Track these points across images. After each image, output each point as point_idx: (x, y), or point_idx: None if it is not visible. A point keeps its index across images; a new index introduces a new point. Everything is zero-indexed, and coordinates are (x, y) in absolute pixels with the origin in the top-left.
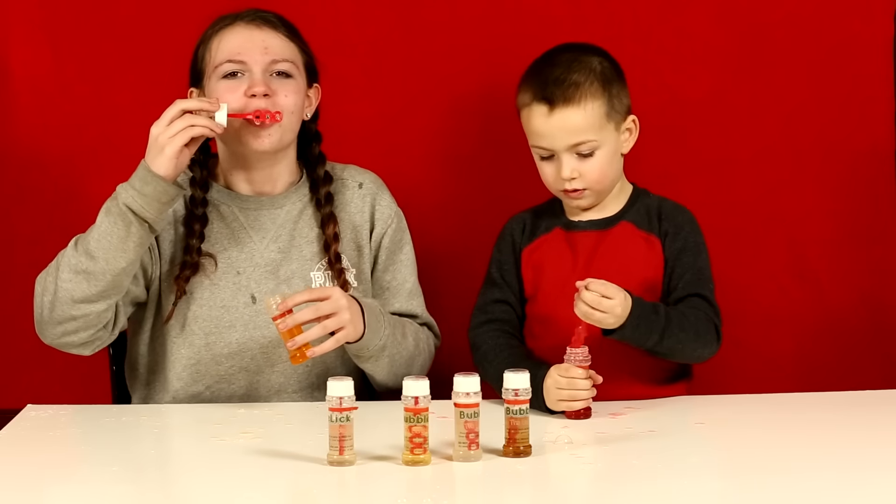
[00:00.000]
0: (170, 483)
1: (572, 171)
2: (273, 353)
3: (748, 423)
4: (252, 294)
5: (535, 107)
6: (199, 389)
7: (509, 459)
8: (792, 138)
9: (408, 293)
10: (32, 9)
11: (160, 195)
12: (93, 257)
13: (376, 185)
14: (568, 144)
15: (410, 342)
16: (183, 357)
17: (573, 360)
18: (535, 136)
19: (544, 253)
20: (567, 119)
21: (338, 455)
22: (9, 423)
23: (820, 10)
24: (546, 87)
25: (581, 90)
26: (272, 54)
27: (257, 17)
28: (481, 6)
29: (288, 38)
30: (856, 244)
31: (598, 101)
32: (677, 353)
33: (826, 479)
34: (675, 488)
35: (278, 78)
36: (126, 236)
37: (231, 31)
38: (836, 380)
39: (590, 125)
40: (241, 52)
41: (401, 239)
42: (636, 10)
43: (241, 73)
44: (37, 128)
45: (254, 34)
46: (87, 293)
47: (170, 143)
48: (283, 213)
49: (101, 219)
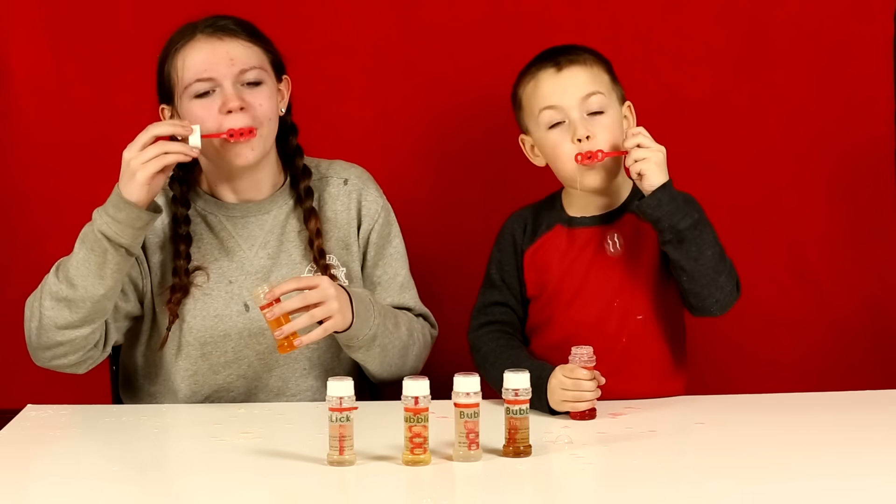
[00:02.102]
0: (170, 483)
1: (586, 130)
2: (270, 358)
3: (748, 423)
4: (245, 302)
5: (541, 72)
6: (198, 401)
7: (509, 459)
8: (792, 138)
9: (399, 286)
10: (32, 9)
11: (133, 221)
12: (73, 285)
13: (361, 181)
14: (578, 98)
15: (403, 332)
16: (181, 369)
17: (578, 360)
18: (543, 99)
19: (547, 252)
20: (575, 75)
21: (338, 455)
22: (9, 423)
23: (820, 10)
24: (549, 55)
25: (585, 57)
26: (239, 65)
27: (216, 28)
28: (481, 6)
29: (251, 43)
30: (856, 244)
31: (602, 69)
32: (702, 263)
33: (826, 479)
34: (675, 488)
35: (249, 88)
36: (103, 263)
37: (193, 47)
38: (836, 380)
39: (598, 82)
40: (207, 68)
41: (389, 233)
42: (636, 10)
43: (212, 90)
44: (37, 128)
45: (216, 47)
46: (69, 320)
47: (142, 169)
48: (270, 219)
49: (78, 246)
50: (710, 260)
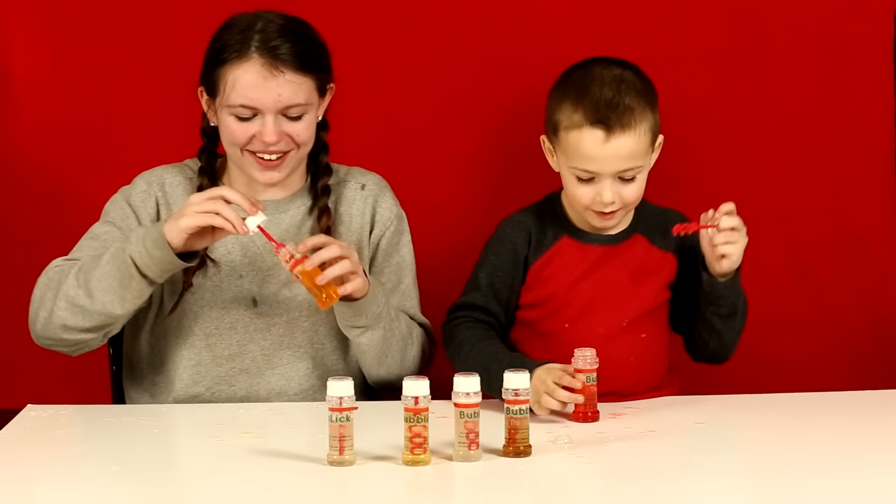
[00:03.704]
0: (170, 483)
1: (613, 196)
2: (274, 355)
3: (748, 423)
4: (254, 297)
5: (587, 131)
6: (199, 391)
7: (509, 459)
8: (792, 138)
9: (402, 294)
10: (33, 10)
11: (166, 264)
12: (91, 296)
13: (378, 187)
14: (617, 170)
15: (403, 326)
16: (184, 358)
17: (581, 362)
18: (582, 160)
19: (557, 266)
20: (622, 146)
21: (338, 455)
22: (9, 423)
23: (820, 10)
24: (599, 111)
25: (635, 115)
26: (286, 101)
27: (272, 56)
28: (481, 6)
29: (303, 76)
30: (856, 244)
31: (648, 123)
32: (737, 327)
33: (826, 479)
34: (675, 488)
35: (290, 120)
36: (127, 286)
37: (245, 70)
38: (835, 380)
39: (641, 151)
40: (254, 98)
41: (399, 241)
42: (636, 10)
43: (252, 116)
44: (37, 129)
45: (268, 82)
46: (79, 325)
47: (190, 216)
48: (287, 218)
49: (108, 259)
50: (740, 324)
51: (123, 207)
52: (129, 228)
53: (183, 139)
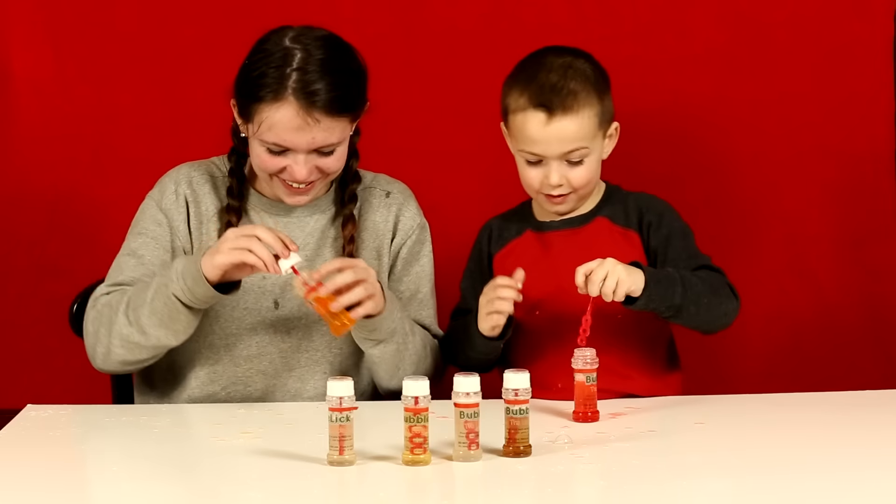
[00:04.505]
0: (169, 483)
1: (560, 178)
2: (292, 358)
3: (748, 422)
4: (275, 300)
5: (531, 113)
6: (214, 389)
7: (509, 459)
8: (792, 138)
9: (419, 303)
10: (33, 10)
11: (209, 298)
12: (144, 332)
13: (403, 196)
14: (561, 152)
15: (418, 340)
16: (202, 357)
17: (581, 362)
18: (527, 142)
19: (518, 258)
20: (564, 128)
21: (338, 455)
22: (9, 423)
23: (820, 11)
24: (543, 94)
25: (579, 99)
26: (319, 142)
27: (309, 101)
28: (481, 6)
29: (338, 119)
30: (856, 244)
31: (594, 109)
32: (703, 312)
33: (825, 479)
34: (675, 488)
35: (323, 156)
36: (175, 319)
37: (280, 111)
38: (835, 379)
39: (585, 134)
40: (287, 139)
41: (419, 251)
42: (636, 10)
43: (285, 150)
44: (37, 129)
45: (302, 129)
46: (138, 357)
47: (224, 254)
48: (311, 222)
49: (153, 295)
50: (710, 303)
51: (155, 214)
52: (164, 238)
53: (183, 139)
